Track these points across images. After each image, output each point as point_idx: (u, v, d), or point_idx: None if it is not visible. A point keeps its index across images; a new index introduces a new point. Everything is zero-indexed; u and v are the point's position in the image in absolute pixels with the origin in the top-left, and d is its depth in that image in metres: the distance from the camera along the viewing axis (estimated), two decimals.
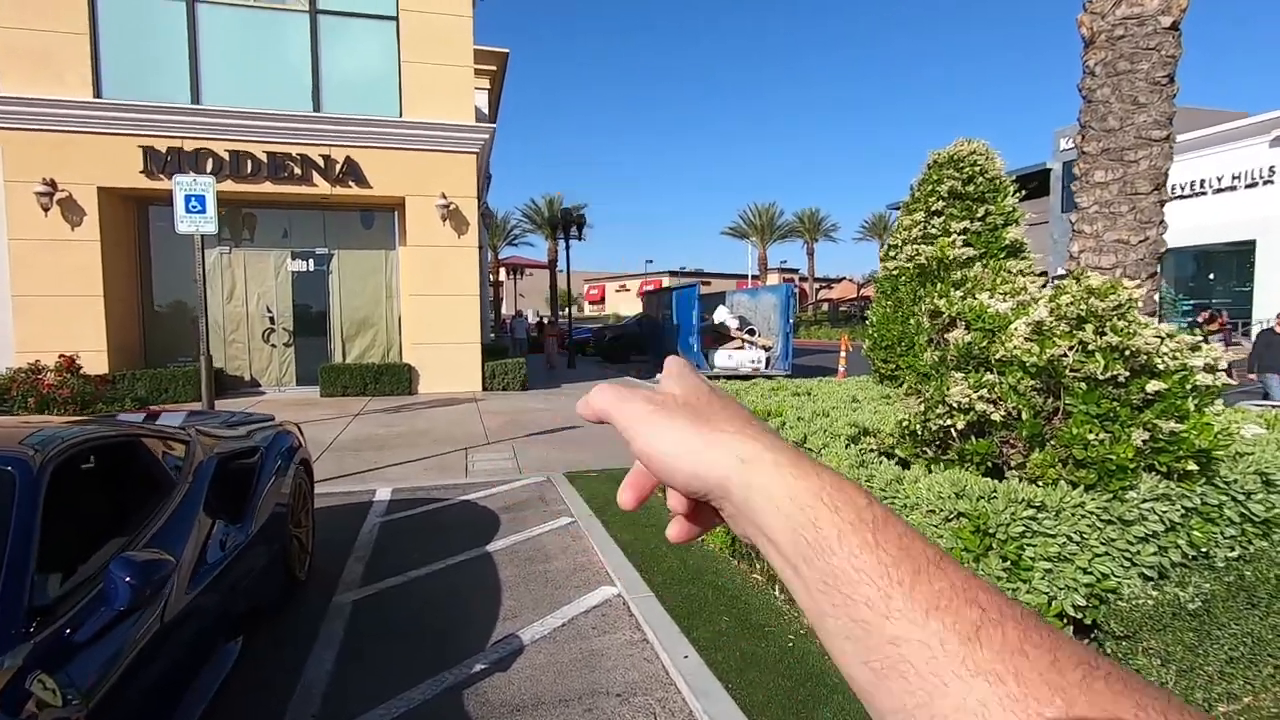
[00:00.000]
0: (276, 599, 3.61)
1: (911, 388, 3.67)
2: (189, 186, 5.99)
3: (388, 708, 2.84)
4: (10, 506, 2.02)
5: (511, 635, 3.46)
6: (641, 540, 4.72)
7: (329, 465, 7.07)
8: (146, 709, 2.14)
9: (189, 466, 3.14)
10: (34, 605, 1.88)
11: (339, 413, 10.34)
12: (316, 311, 12.97)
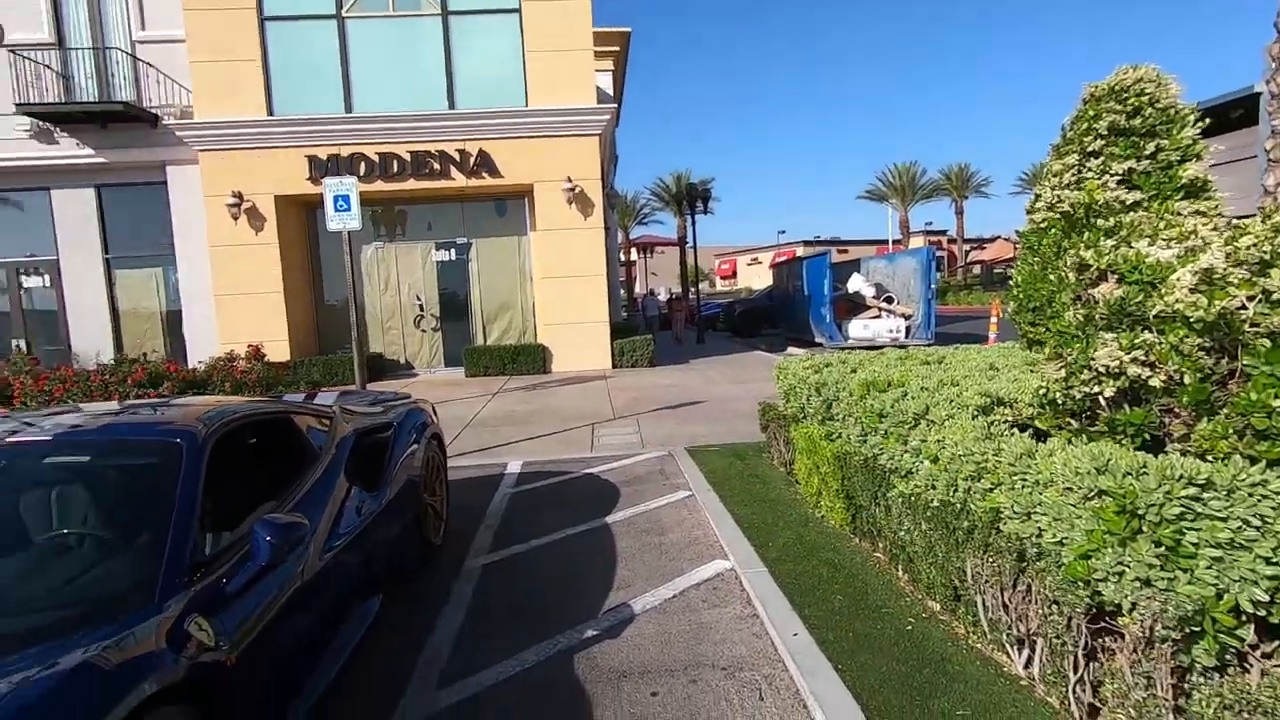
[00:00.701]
0: (413, 562, 3.94)
1: (1053, 351, 3.27)
2: (335, 188, 6.61)
3: (505, 667, 3.02)
4: (177, 473, 2.34)
5: (623, 604, 3.54)
6: (758, 515, 4.64)
7: (469, 440, 7.59)
8: (289, 657, 2.42)
9: (331, 440, 3.48)
10: (194, 560, 2.17)
11: (480, 391, 11.04)
12: (459, 298, 13.89)
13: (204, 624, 2.00)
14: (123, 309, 13.45)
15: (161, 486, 2.30)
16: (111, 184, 13.05)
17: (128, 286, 13.43)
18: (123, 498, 2.43)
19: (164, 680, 1.73)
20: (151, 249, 13.20)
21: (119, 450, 2.56)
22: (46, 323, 13.34)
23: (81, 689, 1.57)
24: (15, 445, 2.51)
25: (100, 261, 13.17)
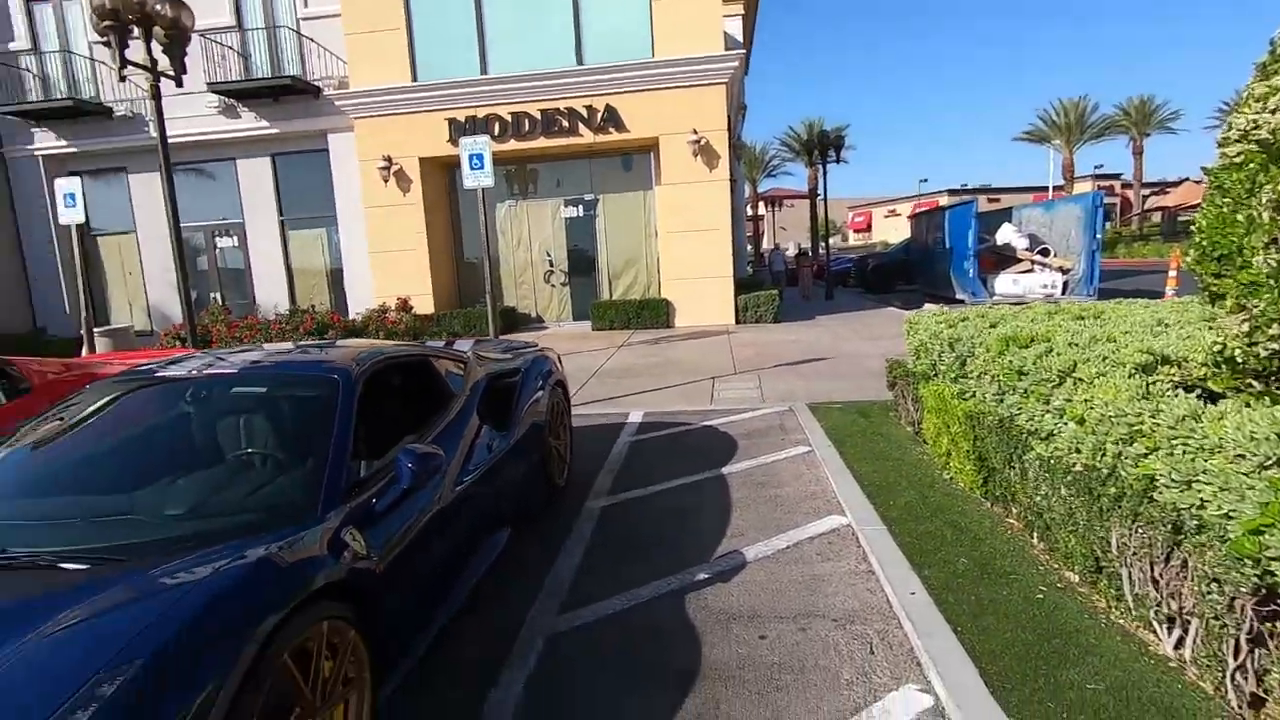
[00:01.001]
0: (539, 500, 4.20)
1: (1235, 303, 2.86)
2: (470, 147, 6.95)
3: (620, 600, 3.18)
4: (335, 405, 2.64)
5: (735, 551, 3.60)
6: (879, 473, 4.49)
7: (594, 390, 7.88)
8: (427, 573, 2.69)
9: (466, 382, 3.75)
10: (349, 481, 2.46)
11: (606, 344, 11.37)
12: (587, 253, 14.25)
13: (357, 535, 2.27)
14: (295, 267, 15.04)
15: (322, 415, 2.61)
16: (283, 152, 14.48)
17: (298, 246, 14.97)
18: (291, 423, 2.79)
19: (326, 578, 1.99)
20: (317, 211, 14.58)
21: (289, 383, 2.93)
22: (236, 279, 15.21)
23: (265, 577, 1.85)
24: (211, 376, 2.94)
25: (276, 224, 14.75)
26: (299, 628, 1.85)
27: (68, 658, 1.54)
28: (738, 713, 2.37)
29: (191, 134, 13.76)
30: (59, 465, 2.68)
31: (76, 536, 2.18)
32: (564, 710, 2.45)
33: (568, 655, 2.78)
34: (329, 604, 2.00)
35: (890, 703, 2.38)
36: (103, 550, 2.06)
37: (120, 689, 1.46)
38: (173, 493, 2.45)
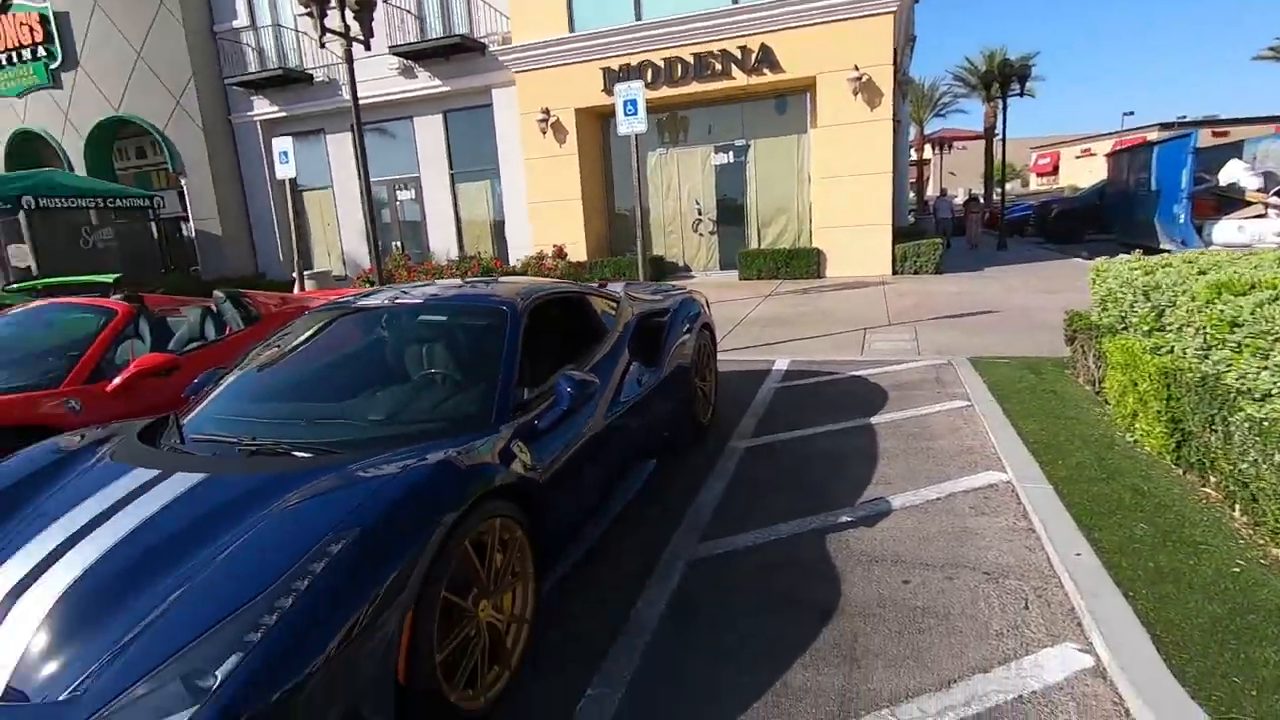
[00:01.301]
0: (684, 437, 4.35)
1: None
2: (625, 93, 7.05)
3: (760, 534, 3.27)
4: (504, 332, 2.91)
5: (881, 499, 3.54)
6: (1048, 431, 4.16)
7: (739, 338, 7.88)
8: (581, 489, 2.92)
9: (618, 320, 3.94)
10: (515, 401, 2.71)
11: (752, 294, 11.25)
12: (735, 201, 14.02)
13: (523, 448, 2.52)
14: (463, 217, 16.18)
15: (494, 341, 2.89)
16: (453, 109, 15.46)
17: (465, 198, 16.06)
18: (468, 348, 3.11)
19: (499, 480, 2.25)
20: (481, 165, 15.50)
21: (465, 313, 3.27)
22: (413, 229, 16.67)
23: (452, 473, 2.13)
24: (399, 305, 3.34)
25: (447, 177, 15.89)
26: (477, 520, 2.12)
27: (305, 521, 1.90)
28: (876, 647, 2.40)
29: (376, 95, 15.05)
30: (285, 377, 3.19)
31: (301, 433, 2.61)
32: (704, 623, 2.60)
33: (708, 579, 2.92)
34: (501, 504, 2.26)
35: (1044, 658, 2.29)
36: (322, 444, 2.46)
37: (345, 548, 1.77)
38: (373, 402, 2.85)
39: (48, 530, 2.05)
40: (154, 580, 1.80)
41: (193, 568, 1.81)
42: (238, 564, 1.79)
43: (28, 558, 1.95)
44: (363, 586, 1.74)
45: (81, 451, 2.56)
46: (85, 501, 2.17)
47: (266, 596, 1.66)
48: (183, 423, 2.78)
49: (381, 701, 1.75)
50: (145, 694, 1.50)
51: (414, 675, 1.84)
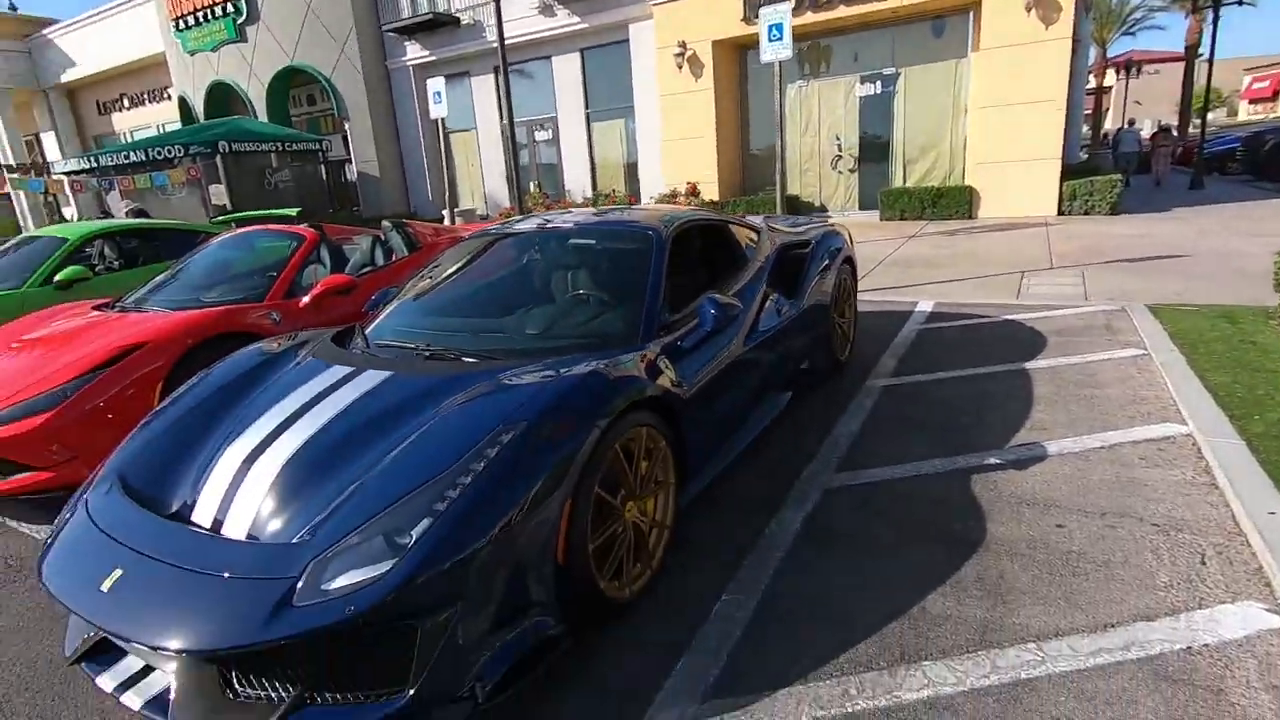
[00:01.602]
0: (820, 370, 4.28)
1: None
2: (770, 16, 6.73)
3: (898, 469, 3.20)
4: (650, 255, 2.99)
5: (1035, 443, 3.34)
6: (1242, 385, 3.70)
7: (877, 278, 7.54)
8: (721, 409, 2.99)
9: (759, 251, 3.90)
10: (660, 321, 2.80)
11: (894, 235, 10.63)
12: (880, 137, 13.15)
13: (668, 365, 2.61)
14: (597, 157, 16.37)
15: (641, 264, 2.98)
16: (590, 47, 15.47)
17: (600, 137, 16.19)
18: (616, 270, 3.22)
19: (643, 392, 2.36)
20: (616, 103, 15.50)
21: (614, 237, 3.37)
22: (550, 169, 17.11)
23: (604, 381, 2.26)
24: (550, 229, 3.50)
25: (583, 117, 16.06)
26: (626, 427, 2.25)
27: (479, 414, 2.10)
28: (1024, 585, 2.32)
29: (517, 35, 15.35)
30: (451, 295, 3.47)
31: (467, 343, 2.85)
32: (840, 546, 2.63)
33: (844, 506, 2.92)
34: (647, 415, 2.37)
35: (1222, 614, 2.12)
36: (485, 352, 2.68)
37: (513, 438, 1.96)
38: (529, 318, 3.04)
39: (268, 413, 2.41)
40: (355, 455, 2.09)
41: (386, 446, 2.07)
42: (424, 446, 2.03)
43: (256, 433, 2.30)
44: (529, 472, 1.92)
45: (284, 353, 2.95)
46: (294, 391, 2.51)
47: (450, 474, 1.88)
48: (366, 332, 3.12)
49: (543, 577, 1.95)
50: (357, 544, 1.76)
51: (571, 559, 2.02)
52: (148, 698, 1.83)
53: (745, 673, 2.03)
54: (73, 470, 3.30)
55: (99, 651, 2.01)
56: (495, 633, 1.83)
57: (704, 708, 1.91)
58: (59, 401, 3.33)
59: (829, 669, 2.02)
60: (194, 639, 1.67)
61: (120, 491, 2.20)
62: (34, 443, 3.27)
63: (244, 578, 1.76)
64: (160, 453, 2.37)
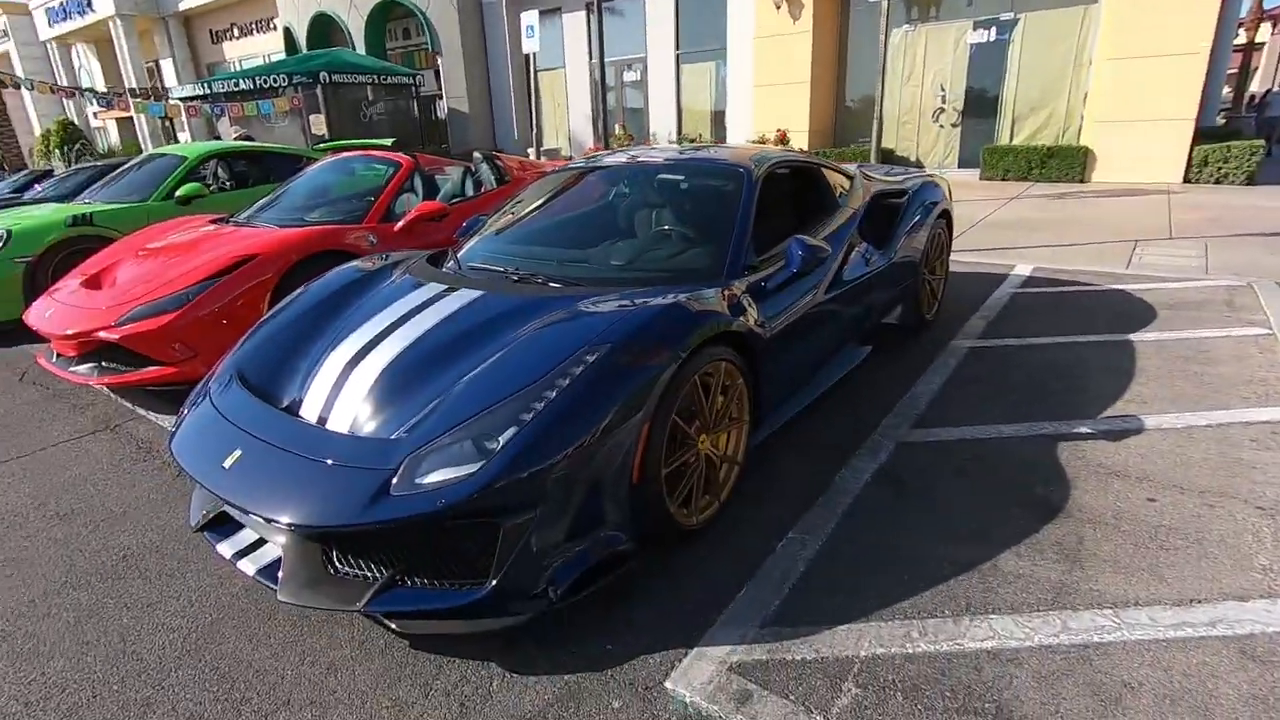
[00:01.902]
0: (905, 327, 4.16)
1: None
2: None
3: (979, 430, 3.11)
4: (740, 193, 2.95)
5: (1131, 416, 3.16)
6: None
7: (972, 239, 7.17)
8: (797, 355, 2.96)
9: (851, 197, 3.77)
10: (746, 261, 2.78)
11: (994, 195, 10.02)
12: (988, 89, 12.26)
13: (751, 304, 2.60)
14: (684, 101, 15.99)
15: (729, 201, 2.95)
16: None
17: (689, 79, 15.77)
18: (705, 206, 3.20)
19: (724, 326, 2.36)
20: (708, 45, 15.01)
21: (703, 173, 3.34)
22: (635, 112, 16.86)
23: (681, 314, 2.28)
24: (638, 164, 3.48)
25: (672, 58, 15.66)
26: (704, 360, 2.27)
27: (565, 335, 2.17)
28: (1105, 553, 2.24)
29: None
30: (540, 224, 3.53)
31: (554, 270, 2.90)
32: (911, 498, 2.60)
33: (919, 461, 2.88)
34: (727, 350, 2.39)
35: None
36: (571, 279, 2.74)
37: (597, 359, 2.02)
38: (615, 250, 3.08)
39: (368, 323, 2.56)
40: (448, 364, 2.20)
41: (476, 358, 2.18)
42: (512, 361, 2.12)
43: (357, 340, 2.45)
44: (609, 393, 1.98)
45: (380, 271, 3.09)
46: (393, 304, 2.65)
47: (536, 387, 1.96)
48: (458, 254, 3.23)
49: (618, 494, 2.02)
50: (448, 444, 1.87)
51: (645, 480, 2.08)
52: (260, 566, 2.04)
53: (806, 606, 2.07)
54: (192, 367, 3.61)
55: (219, 523, 2.24)
56: (570, 540, 1.93)
57: (763, 632, 1.97)
58: (182, 304, 3.62)
59: (891, 611, 2.03)
60: (302, 515, 1.83)
61: (239, 384, 2.40)
62: (160, 339, 3.58)
63: (347, 466, 1.91)
64: (273, 353, 2.56)
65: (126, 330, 3.58)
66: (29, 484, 3.10)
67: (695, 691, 1.78)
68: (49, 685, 1.93)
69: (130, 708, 1.84)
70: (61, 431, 3.64)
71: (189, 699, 1.86)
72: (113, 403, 3.98)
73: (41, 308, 4.05)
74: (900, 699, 1.74)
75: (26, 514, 2.86)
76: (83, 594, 2.32)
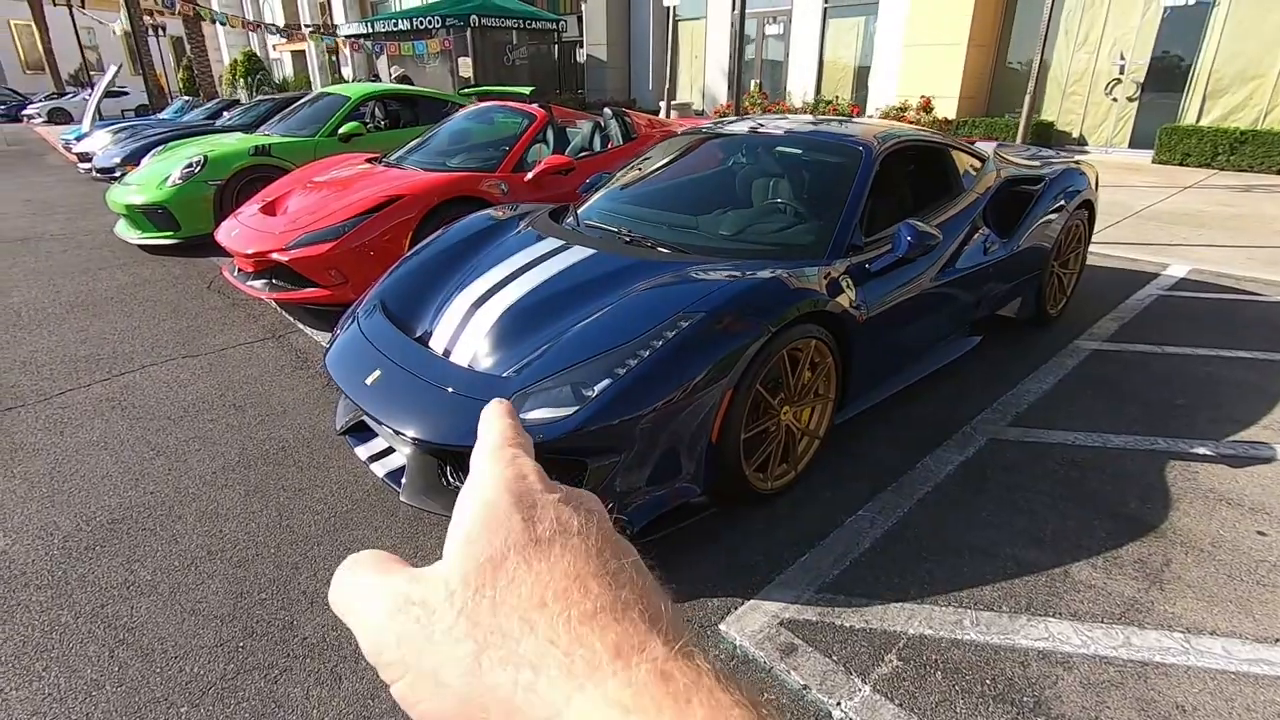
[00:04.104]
0: (1023, 321, 3.99)
1: None
2: None
3: (1082, 436, 3.00)
4: (855, 173, 2.94)
5: (1262, 444, 2.94)
6: None
7: (1125, 231, 6.57)
8: (894, 340, 2.97)
9: (979, 180, 3.63)
10: (852, 241, 2.80)
11: (1164, 182, 9.02)
12: (1178, 61, 10.87)
13: (850, 285, 2.64)
14: (826, 59, 15.29)
15: (842, 180, 2.95)
16: None
17: (834, 36, 15.03)
18: (817, 182, 3.22)
19: (817, 305, 2.44)
20: None
21: (820, 149, 3.34)
22: (773, 69, 16.33)
23: (778, 289, 2.38)
24: (760, 134, 3.52)
25: (820, 12, 14.94)
26: (796, 335, 2.37)
27: (664, 299, 2.34)
28: (1191, 579, 2.18)
29: None
30: (655, 188, 3.67)
31: (663, 235, 3.05)
32: (993, 494, 2.60)
33: (1008, 459, 2.84)
34: (818, 329, 2.46)
35: None
36: (678, 245, 2.88)
37: (692, 325, 2.17)
38: (724, 220, 3.18)
39: (493, 269, 2.83)
40: (557, 315, 2.43)
41: (583, 313, 2.39)
42: (615, 318, 2.32)
43: (482, 284, 2.74)
44: (700, 357, 2.14)
45: (508, 221, 3.36)
46: (516, 254, 2.91)
47: (631, 345, 2.15)
48: (578, 211, 3.45)
49: (696, 450, 2.20)
50: (550, 388, 2.11)
51: (724, 441, 2.24)
52: (388, 470, 2.40)
53: (862, 579, 2.18)
54: (342, 292, 4.10)
55: (357, 429, 2.63)
56: (648, 485, 2.14)
57: (817, 596, 2.10)
58: (339, 235, 4.10)
59: (947, 598, 2.10)
60: (425, 432, 2.15)
61: (382, 312, 2.76)
62: (320, 265, 4.09)
63: (463, 395, 2.21)
64: (411, 288, 2.90)
65: (294, 254, 4.11)
66: (214, 377, 3.71)
67: (746, 637, 1.96)
68: (225, 541, 2.40)
69: (284, 567, 2.27)
70: (238, 336, 4.28)
71: (326, 570, 2.26)
72: (279, 315, 4.59)
73: (229, 227, 4.70)
74: (939, 677, 1.84)
75: (212, 401, 3.44)
76: (251, 473, 2.81)
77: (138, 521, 2.51)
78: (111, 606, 2.12)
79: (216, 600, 2.13)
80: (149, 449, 3.00)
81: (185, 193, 6.02)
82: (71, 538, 2.43)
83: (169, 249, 6.22)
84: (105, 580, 2.23)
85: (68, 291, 5.20)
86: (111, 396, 3.51)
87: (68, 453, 2.99)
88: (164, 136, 8.69)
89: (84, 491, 2.70)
